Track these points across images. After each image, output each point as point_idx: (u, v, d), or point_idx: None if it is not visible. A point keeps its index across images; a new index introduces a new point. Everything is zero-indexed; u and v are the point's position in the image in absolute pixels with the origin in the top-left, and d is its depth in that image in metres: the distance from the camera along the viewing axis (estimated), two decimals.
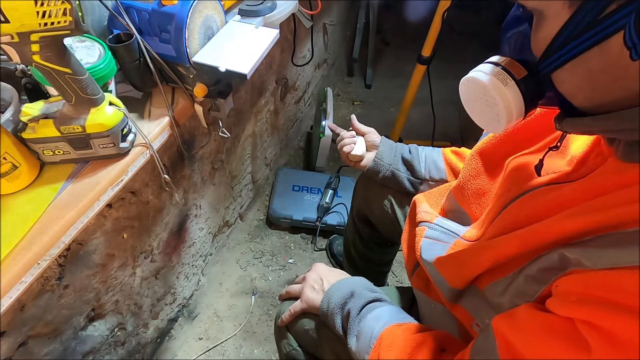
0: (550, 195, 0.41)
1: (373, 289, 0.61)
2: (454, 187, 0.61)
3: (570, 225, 0.35)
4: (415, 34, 1.72)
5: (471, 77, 0.41)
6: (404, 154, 0.79)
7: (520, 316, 0.38)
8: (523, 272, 0.39)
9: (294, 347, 0.67)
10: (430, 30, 1.26)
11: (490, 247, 0.44)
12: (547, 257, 0.37)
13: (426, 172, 0.77)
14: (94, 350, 0.79)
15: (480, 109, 0.42)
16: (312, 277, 0.66)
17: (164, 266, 0.96)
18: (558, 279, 0.35)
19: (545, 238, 0.37)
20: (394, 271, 1.35)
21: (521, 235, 0.40)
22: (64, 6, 0.40)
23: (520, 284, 0.40)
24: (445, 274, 0.51)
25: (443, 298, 0.54)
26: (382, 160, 0.79)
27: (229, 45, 0.62)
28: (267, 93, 1.26)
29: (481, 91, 0.40)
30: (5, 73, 0.53)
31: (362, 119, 0.87)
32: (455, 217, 0.60)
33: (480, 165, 0.57)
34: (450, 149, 0.78)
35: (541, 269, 0.37)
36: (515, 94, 0.37)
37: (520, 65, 0.38)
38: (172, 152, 0.81)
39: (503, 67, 0.38)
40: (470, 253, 0.48)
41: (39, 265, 0.46)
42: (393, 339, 0.51)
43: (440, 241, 0.56)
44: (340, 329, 0.57)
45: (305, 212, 1.38)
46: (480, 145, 0.58)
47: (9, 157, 0.46)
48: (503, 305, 0.42)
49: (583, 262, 0.32)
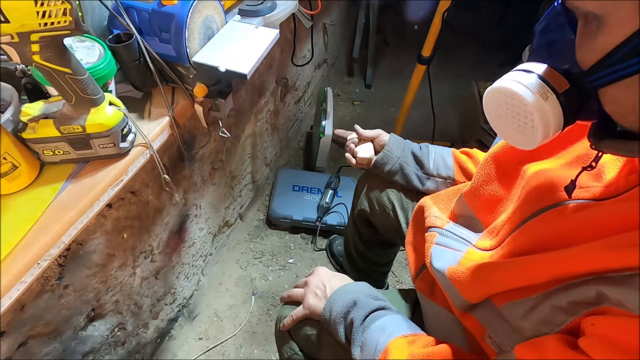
0: (579, 216, 0.38)
1: (376, 296, 0.59)
2: (466, 192, 0.59)
3: (610, 258, 0.32)
4: (415, 34, 1.72)
5: (503, 88, 0.35)
6: (414, 150, 0.80)
7: (549, 352, 0.35)
8: (549, 300, 0.37)
9: (296, 352, 0.67)
10: (430, 30, 1.26)
11: (514, 268, 0.41)
12: (580, 291, 0.34)
13: (434, 168, 0.77)
14: (94, 350, 0.79)
15: (509, 123, 0.37)
16: (315, 283, 0.64)
17: (164, 266, 0.96)
18: (592, 316, 0.33)
19: (580, 268, 0.34)
20: (394, 271, 1.35)
21: (551, 260, 0.37)
22: (64, 6, 0.40)
23: (546, 312, 0.37)
24: (460, 287, 0.49)
25: (453, 306, 0.53)
26: (392, 152, 0.79)
27: (229, 45, 0.62)
28: (267, 93, 1.26)
29: (515, 104, 0.35)
30: (5, 73, 0.53)
31: (362, 119, 0.88)
32: (465, 222, 0.59)
33: (494, 170, 0.55)
34: (460, 150, 0.78)
35: (572, 302, 0.35)
36: (555, 109, 0.33)
37: (561, 75, 0.33)
38: (172, 152, 0.81)
39: (542, 77, 0.33)
40: (489, 269, 0.45)
41: (39, 265, 0.45)
42: (399, 353, 0.49)
43: (452, 249, 0.54)
44: (343, 338, 0.56)
45: (305, 212, 1.38)
46: (495, 150, 0.56)
47: (9, 157, 0.46)
48: (523, 330, 0.40)
49: (626, 305, 0.30)
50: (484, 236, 0.52)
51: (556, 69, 0.34)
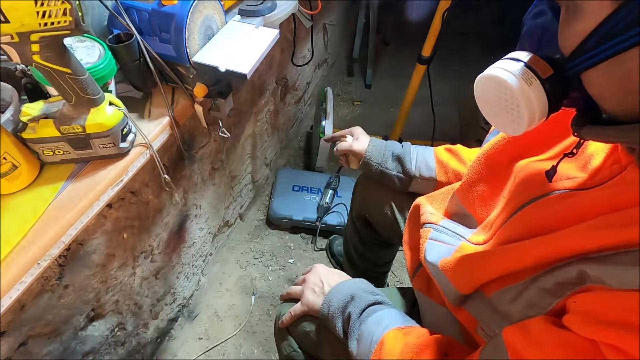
0: (565, 203, 0.39)
1: (374, 291, 0.60)
2: (458, 189, 0.60)
3: (591, 239, 0.33)
4: (415, 34, 1.72)
5: (490, 75, 0.37)
6: (396, 151, 0.79)
7: (535, 331, 0.36)
8: (536, 283, 0.38)
9: (295, 348, 0.67)
10: (430, 30, 1.26)
11: (502, 254, 0.42)
12: (564, 271, 0.35)
13: (416, 169, 0.76)
14: (94, 350, 0.79)
15: (497, 109, 0.38)
16: (313, 280, 0.65)
17: (164, 266, 0.96)
18: (575, 294, 0.34)
19: (564, 251, 0.35)
20: (394, 271, 1.35)
21: (537, 245, 0.38)
22: (64, 6, 0.40)
23: (533, 295, 0.38)
24: (452, 278, 0.50)
25: (447, 301, 0.53)
26: (371, 160, 0.79)
27: (229, 45, 0.62)
28: (267, 93, 1.26)
29: (501, 91, 0.36)
30: (5, 73, 0.53)
31: (362, 119, 0.88)
32: (459, 220, 0.59)
33: (486, 167, 0.56)
34: (444, 147, 0.77)
35: (557, 283, 0.36)
36: (539, 94, 0.34)
37: (545, 62, 0.34)
38: (172, 152, 0.81)
39: (527, 64, 0.35)
40: (479, 258, 0.47)
41: (39, 265, 0.46)
42: (394, 343, 0.50)
43: (446, 243, 0.55)
44: (341, 332, 0.57)
45: (305, 212, 1.38)
46: (487, 147, 0.56)
47: (9, 157, 0.46)
48: (512, 314, 0.41)
49: (605, 280, 0.31)
50: (478, 231, 0.53)
51: (541, 56, 0.35)
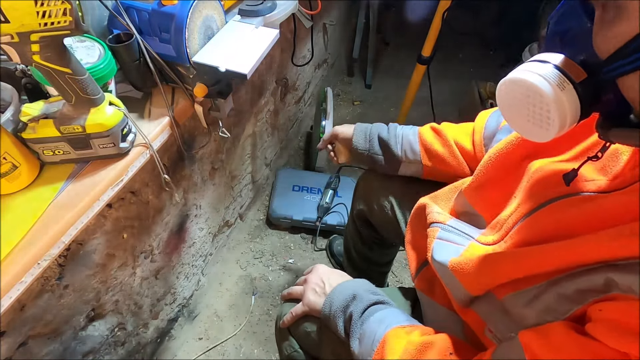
0: (585, 207, 0.38)
1: (375, 291, 0.60)
2: (466, 189, 0.59)
3: (619, 246, 0.32)
4: (415, 34, 1.72)
5: (518, 79, 0.34)
6: (382, 135, 0.77)
7: (555, 336, 0.35)
8: (554, 288, 0.37)
9: (296, 349, 0.67)
10: (430, 30, 1.26)
11: (519, 257, 0.41)
12: (587, 278, 0.34)
13: (402, 153, 0.75)
14: (94, 350, 0.79)
15: (524, 115, 0.36)
16: (314, 280, 0.65)
17: (164, 266, 0.96)
18: (600, 302, 0.33)
19: (589, 257, 0.34)
20: (394, 271, 1.35)
21: (558, 249, 0.37)
22: (64, 6, 0.40)
23: (550, 300, 0.37)
24: (462, 278, 0.49)
25: (454, 301, 0.53)
26: (358, 147, 0.78)
27: (229, 45, 0.62)
28: (267, 93, 1.26)
29: (530, 95, 0.34)
30: (5, 73, 0.53)
31: (362, 119, 0.88)
32: (467, 219, 0.58)
33: (497, 167, 0.55)
34: (429, 125, 0.75)
35: (578, 290, 0.35)
36: (572, 99, 0.32)
37: (578, 65, 0.32)
38: (172, 152, 0.81)
39: (558, 67, 0.33)
40: (493, 260, 0.45)
41: (39, 265, 0.46)
42: (396, 341, 0.50)
43: (454, 243, 0.54)
44: (342, 332, 0.57)
45: (305, 212, 1.38)
46: (500, 147, 0.55)
47: (9, 157, 0.46)
48: (526, 318, 0.40)
49: (636, 290, 0.30)
50: (487, 231, 0.52)
51: (572, 58, 0.33)
